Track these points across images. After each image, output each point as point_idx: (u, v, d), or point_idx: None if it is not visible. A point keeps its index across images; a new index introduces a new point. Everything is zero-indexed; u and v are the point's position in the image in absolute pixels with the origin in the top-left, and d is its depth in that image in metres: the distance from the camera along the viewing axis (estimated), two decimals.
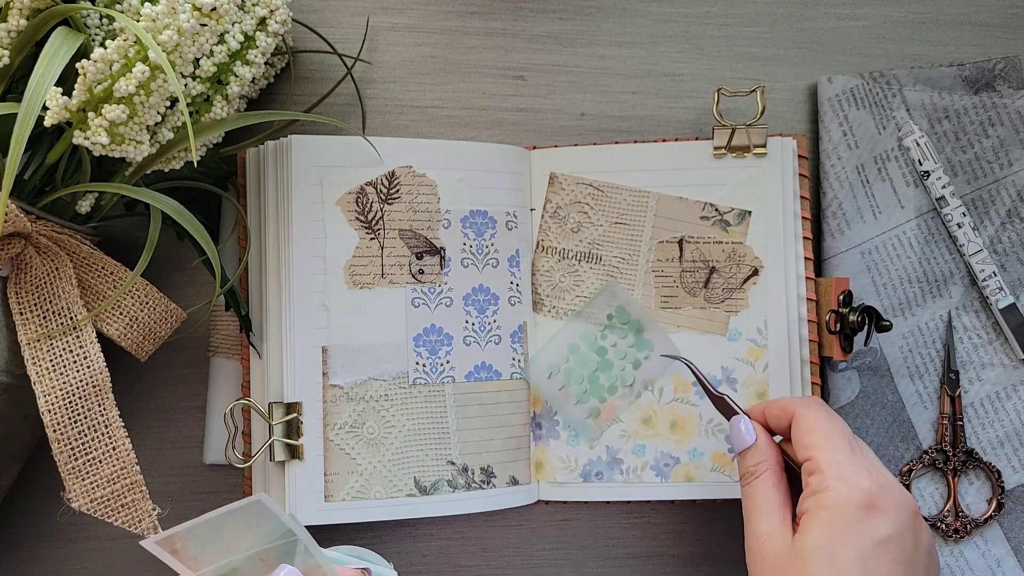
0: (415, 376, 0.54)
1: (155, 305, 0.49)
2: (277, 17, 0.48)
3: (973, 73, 0.58)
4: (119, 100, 0.43)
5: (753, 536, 0.44)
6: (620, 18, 0.60)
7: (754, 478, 0.46)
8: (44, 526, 0.55)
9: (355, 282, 0.53)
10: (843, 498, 0.42)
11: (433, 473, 0.54)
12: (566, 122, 0.59)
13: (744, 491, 0.46)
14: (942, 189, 0.57)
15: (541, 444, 0.57)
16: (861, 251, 0.57)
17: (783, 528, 0.43)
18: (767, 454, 0.46)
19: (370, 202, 0.54)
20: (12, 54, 0.44)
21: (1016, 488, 0.56)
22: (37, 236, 0.45)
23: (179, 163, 0.48)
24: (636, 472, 0.56)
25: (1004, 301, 0.57)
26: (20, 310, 0.45)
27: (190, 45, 0.44)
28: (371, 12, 0.59)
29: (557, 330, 0.57)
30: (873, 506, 0.42)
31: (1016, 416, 0.57)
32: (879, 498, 0.42)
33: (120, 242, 0.54)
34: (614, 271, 0.57)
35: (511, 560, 0.58)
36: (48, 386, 0.44)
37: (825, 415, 0.46)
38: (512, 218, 0.57)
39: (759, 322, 0.56)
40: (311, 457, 0.52)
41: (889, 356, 0.57)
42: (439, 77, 0.59)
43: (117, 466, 0.46)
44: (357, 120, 0.58)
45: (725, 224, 0.56)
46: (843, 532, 0.41)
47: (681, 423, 0.56)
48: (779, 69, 0.60)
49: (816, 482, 0.43)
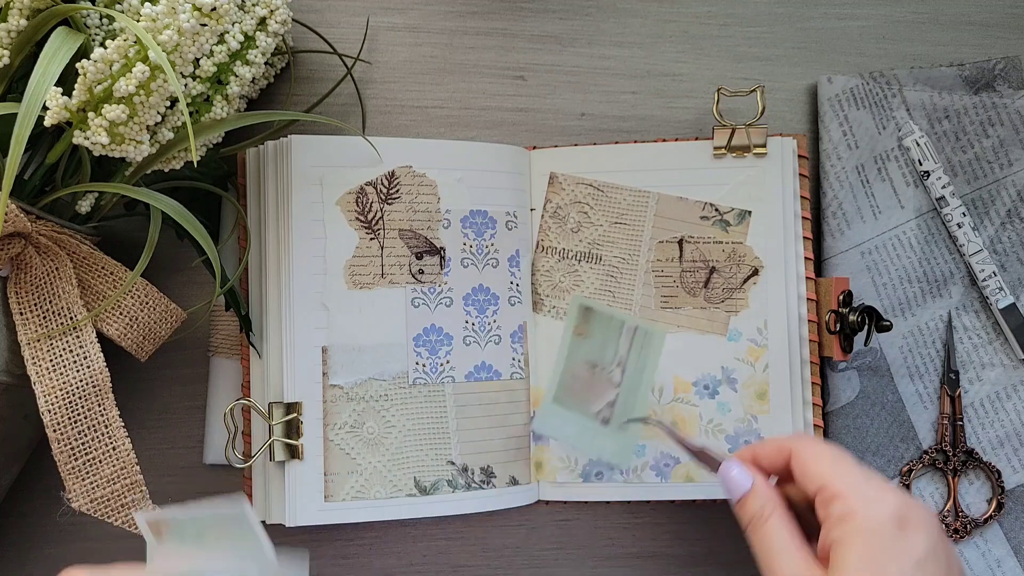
0: (415, 376, 0.54)
1: (155, 305, 0.49)
2: (277, 17, 0.48)
3: (973, 73, 0.58)
4: (119, 100, 0.43)
5: None
6: (620, 18, 0.60)
7: (763, 522, 0.43)
8: (44, 526, 0.55)
9: (355, 282, 0.53)
10: (874, 520, 0.39)
11: (433, 473, 0.54)
12: (566, 122, 0.59)
13: (755, 538, 0.43)
14: (942, 189, 0.57)
15: (541, 444, 0.57)
16: (861, 251, 0.57)
17: (811, 566, 0.40)
18: (769, 494, 0.44)
19: (370, 202, 0.54)
20: (12, 54, 0.44)
21: (1016, 488, 0.56)
22: (37, 236, 0.45)
23: (179, 163, 0.48)
24: (636, 472, 0.56)
25: (1004, 301, 0.57)
26: (20, 310, 0.45)
27: (190, 45, 0.44)
28: (371, 12, 0.59)
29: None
30: (904, 523, 0.39)
31: (1016, 416, 0.57)
32: (908, 513, 0.40)
33: (120, 242, 0.54)
34: (614, 271, 0.57)
35: (511, 560, 0.58)
36: (48, 386, 0.44)
37: (825, 444, 0.44)
38: (512, 218, 0.57)
39: (759, 322, 0.56)
40: (311, 457, 0.52)
41: (889, 356, 0.57)
42: (439, 77, 0.59)
43: (117, 466, 0.46)
44: (357, 120, 0.58)
45: (725, 224, 0.56)
46: (882, 557, 0.39)
47: (681, 423, 0.56)
48: (779, 69, 0.60)
49: (839, 509, 0.40)
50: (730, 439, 0.56)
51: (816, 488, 0.42)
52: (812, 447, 0.43)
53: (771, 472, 0.45)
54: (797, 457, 0.43)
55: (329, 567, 0.56)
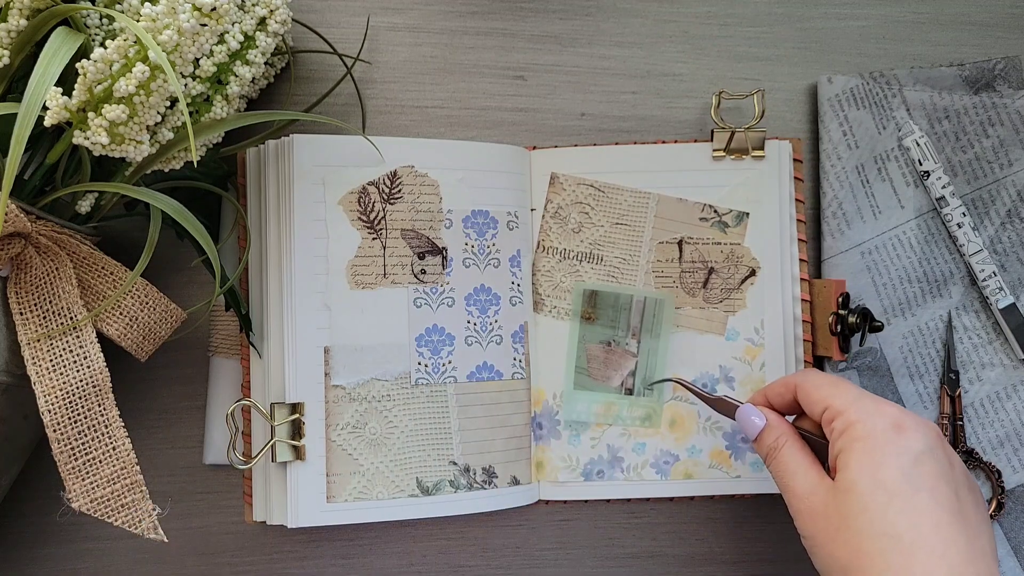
0: (417, 376, 0.54)
1: (155, 305, 0.49)
2: (277, 17, 0.48)
3: (973, 73, 0.58)
4: (119, 100, 0.43)
5: (796, 497, 0.44)
6: (620, 18, 0.60)
7: (778, 451, 0.47)
8: (44, 526, 0.55)
9: (357, 282, 0.53)
10: (871, 425, 0.43)
11: (435, 473, 0.54)
12: (566, 122, 0.59)
13: (772, 466, 0.47)
14: (942, 189, 0.57)
15: (542, 444, 0.57)
16: (861, 251, 0.58)
17: (822, 479, 0.44)
18: (782, 427, 0.48)
19: (372, 202, 0.54)
20: (12, 54, 0.44)
21: (1016, 488, 0.56)
22: (37, 236, 0.45)
23: (179, 163, 0.48)
24: (636, 470, 0.56)
25: (1004, 301, 0.57)
26: (20, 310, 0.45)
27: (190, 45, 0.44)
28: (371, 12, 0.59)
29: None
30: (901, 427, 0.42)
31: (1016, 416, 0.57)
32: (904, 419, 0.43)
33: (120, 242, 0.54)
34: (615, 271, 0.57)
35: (511, 560, 0.58)
36: (48, 386, 0.44)
37: (827, 374, 0.48)
38: (513, 218, 0.57)
39: (756, 322, 0.56)
40: (313, 458, 0.52)
41: (889, 356, 0.57)
42: (439, 77, 0.59)
43: (117, 466, 0.46)
44: (357, 120, 0.58)
45: (724, 225, 0.57)
46: (880, 455, 0.42)
47: (680, 421, 0.56)
48: (779, 69, 0.60)
49: (841, 423, 0.44)
50: (727, 436, 0.56)
51: (820, 411, 0.45)
52: (814, 377, 0.47)
53: (781, 409, 0.49)
54: (801, 388, 0.47)
55: (329, 567, 0.56)
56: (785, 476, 0.46)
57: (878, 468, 0.41)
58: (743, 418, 0.49)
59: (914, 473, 0.41)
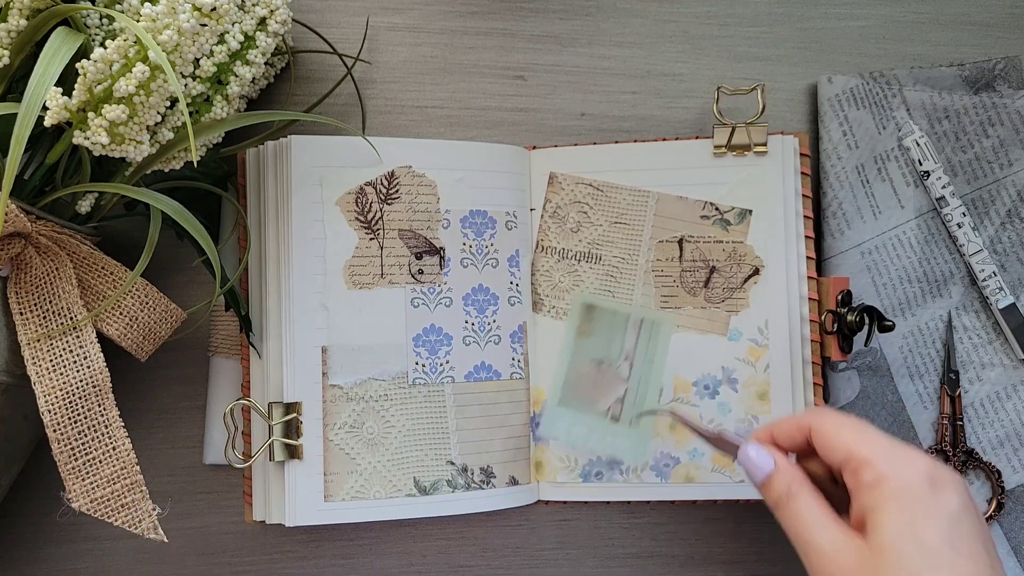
0: (415, 376, 0.54)
1: (155, 305, 0.49)
2: (277, 17, 0.48)
3: (973, 73, 0.58)
4: (119, 100, 0.43)
5: (819, 554, 0.40)
6: (620, 18, 0.60)
7: (792, 500, 0.42)
8: (44, 526, 0.55)
9: (355, 282, 0.53)
10: (906, 480, 0.39)
11: (433, 473, 0.54)
12: (566, 122, 0.59)
13: (785, 517, 0.42)
14: (942, 189, 0.57)
15: (541, 444, 0.57)
16: (861, 251, 0.57)
17: (848, 536, 0.40)
18: (793, 472, 0.43)
19: (370, 202, 0.54)
20: (12, 54, 0.44)
21: (1016, 488, 0.56)
22: (37, 236, 0.45)
23: (179, 163, 0.48)
24: (636, 472, 0.56)
25: (1004, 301, 0.57)
26: (20, 310, 0.45)
27: (190, 45, 0.44)
28: (371, 12, 0.59)
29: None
30: (936, 481, 0.39)
31: (1016, 416, 0.57)
32: (937, 474, 0.40)
33: (120, 242, 0.54)
34: (614, 271, 0.57)
35: (511, 560, 0.58)
36: (48, 386, 0.44)
37: (843, 415, 0.44)
38: (512, 218, 0.57)
39: (760, 322, 0.56)
40: (311, 457, 0.52)
41: (889, 356, 0.57)
42: (439, 77, 0.59)
43: (117, 466, 0.46)
44: (357, 120, 0.58)
45: (725, 223, 0.56)
46: (919, 514, 0.39)
47: (681, 423, 0.56)
48: (779, 69, 0.60)
49: (870, 476, 0.40)
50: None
51: (842, 459, 0.41)
52: (832, 420, 0.43)
53: (790, 450, 0.45)
54: (818, 431, 0.43)
55: (329, 567, 0.56)
56: (804, 530, 0.41)
57: (918, 529, 0.38)
58: (747, 460, 0.44)
59: (954, 535, 0.38)
